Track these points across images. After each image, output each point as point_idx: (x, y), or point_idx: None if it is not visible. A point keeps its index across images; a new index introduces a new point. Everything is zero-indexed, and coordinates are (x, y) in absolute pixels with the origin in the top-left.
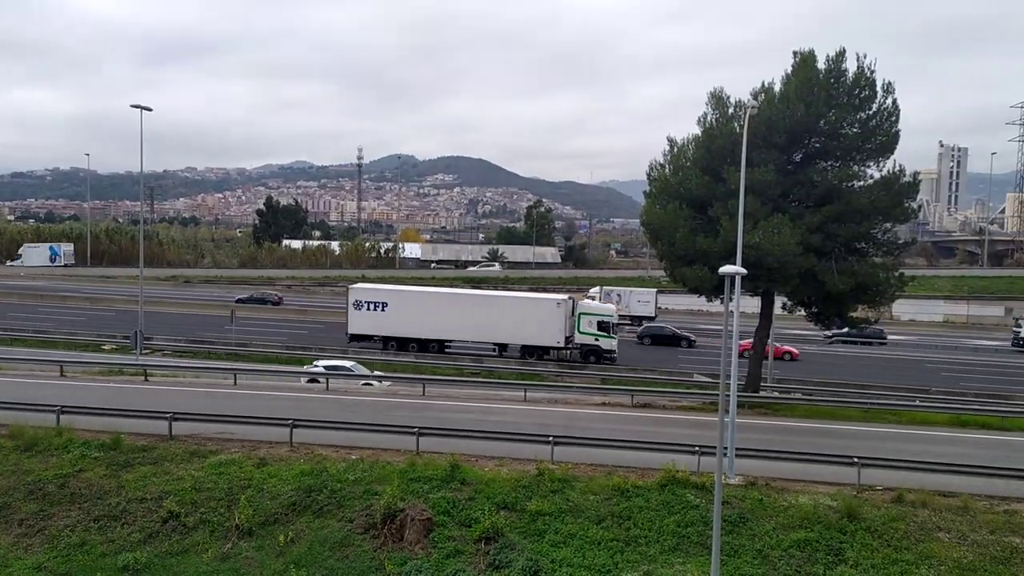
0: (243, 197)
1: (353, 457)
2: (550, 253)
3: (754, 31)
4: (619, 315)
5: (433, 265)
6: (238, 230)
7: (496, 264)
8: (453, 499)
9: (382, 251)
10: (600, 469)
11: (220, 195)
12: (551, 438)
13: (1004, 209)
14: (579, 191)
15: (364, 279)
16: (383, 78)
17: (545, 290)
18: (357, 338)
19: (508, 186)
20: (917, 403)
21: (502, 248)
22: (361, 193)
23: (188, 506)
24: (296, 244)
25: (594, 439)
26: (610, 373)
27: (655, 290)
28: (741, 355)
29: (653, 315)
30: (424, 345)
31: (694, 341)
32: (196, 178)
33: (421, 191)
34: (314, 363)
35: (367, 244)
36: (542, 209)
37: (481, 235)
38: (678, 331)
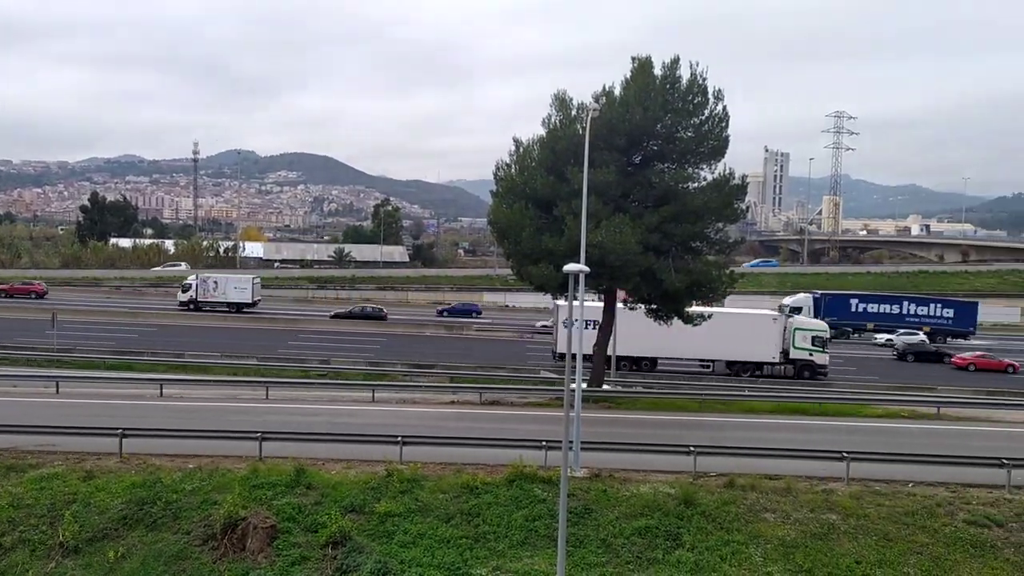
0: (65, 193)
1: (190, 466)
2: (398, 252)
3: (600, 35)
4: (214, 300)
5: (277, 265)
6: (60, 228)
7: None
8: (299, 504)
9: (221, 250)
10: (450, 467)
11: (39, 190)
12: (400, 438)
13: (821, 211)
14: (427, 190)
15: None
16: (225, 71)
17: (393, 289)
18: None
19: (355, 184)
20: (746, 393)
21: (349, 247)
22: (198, 189)
23: (5, 524)
24: (125, 243)
25: (443, 438)
26: (459, 371)
27: (252, 277)
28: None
29: (251, 301)
30: (637, 362)
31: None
32: (11, 172)
33: (263, 188)
34: None
35: (204, 243)
36: (390, 208)
37: (326, 235)
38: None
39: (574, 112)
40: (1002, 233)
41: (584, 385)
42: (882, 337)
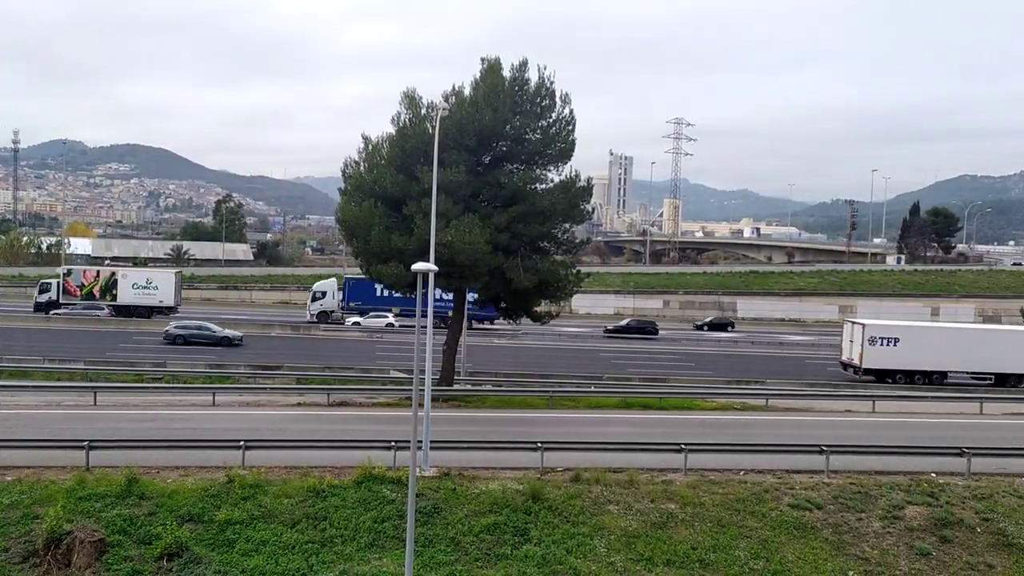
0: None
1: (8, 479)
2: (241, 250)
3: (452, 34)
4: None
5: (107, 263)
6: None
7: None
8: (130, 516)
9: (44, 246)
10: (295, 471)
11: None
12: (242, 443)
13: (662, 213)
14: (273, 187)
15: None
16: (48, 56)
17: (236, 288)
18: (871, 372)
19: (194, 179)
20: (592, 389)
21: (188, 244)
22: (18, 181)
23: None
24: None
25: (289, 441)
26: (306, 372)
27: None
28: None
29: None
30: (928, 377)
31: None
32: None
33: (92, 181)
34: None
35: (25, 239)
36: (232, 204)
37: (162, 232)
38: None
39: (424, 111)
40: (823, 236)
41: (434, 384)
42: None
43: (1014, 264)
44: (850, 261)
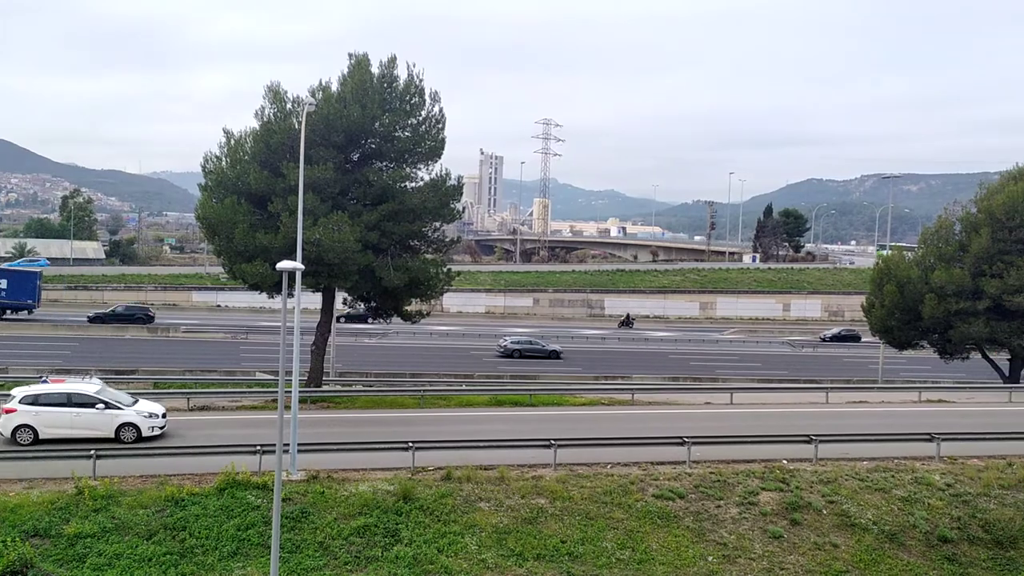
0: None
1: None
2: (92, 248)
3: (319, 28)
4: None
5: None
6: None
7: None
8: None
9: None
10: (152, 480)
11: None
12: (93, 452)
13: (532, 212)
14: (127, 182)
15: None
16: None
17: (86, 288)
18: None
19: (39, 172)
20: (463, 387)
21: (32, 242)
22: None
23: None
24: None
25: (144, 448)
26: (164, 376)
27: None
28: None
29: None
30: None
31: None
32: None
33: None
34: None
35: None
36: (81, 199)
37: (3, 229)
38: None
39: (289, 106)
40: (685, 236)
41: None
42: None
43: (844, 256)
44: (710, 260)
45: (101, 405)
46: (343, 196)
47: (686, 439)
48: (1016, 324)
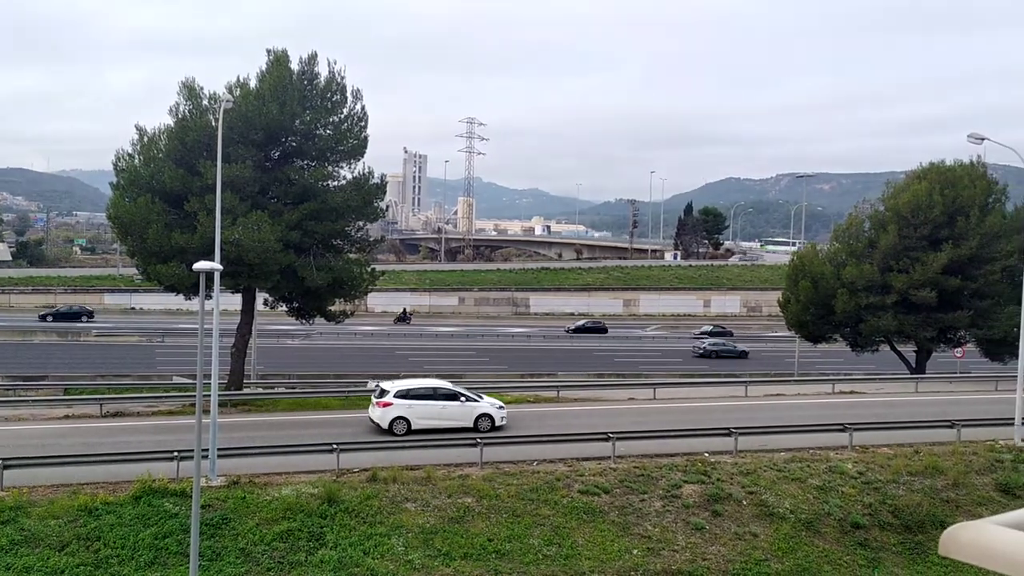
0: None
1: None
2: None
3: (235, 23)
4: None
5: None
6: None
7: None
8: None
9: None
10: (63, 489)
11: None
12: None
13: (457, 211)
14: (34, 180)
15: None
16: None
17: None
18: None
19: None
20: None
21: None
22: None
23: None
24: None
25: (55, 457)
26: (75, 381)
27: None
28: None
29: None
30: None
31: None
32: None
33: None
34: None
35: None
36: None
37: None
38: None
39: (206, 102)
40: (608, 234)
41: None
42: None
43: (765, 254)
44: (633, 257)
45: (463, 398)
46: (263, 195)
47: (611, 435)
48: (921, 317)
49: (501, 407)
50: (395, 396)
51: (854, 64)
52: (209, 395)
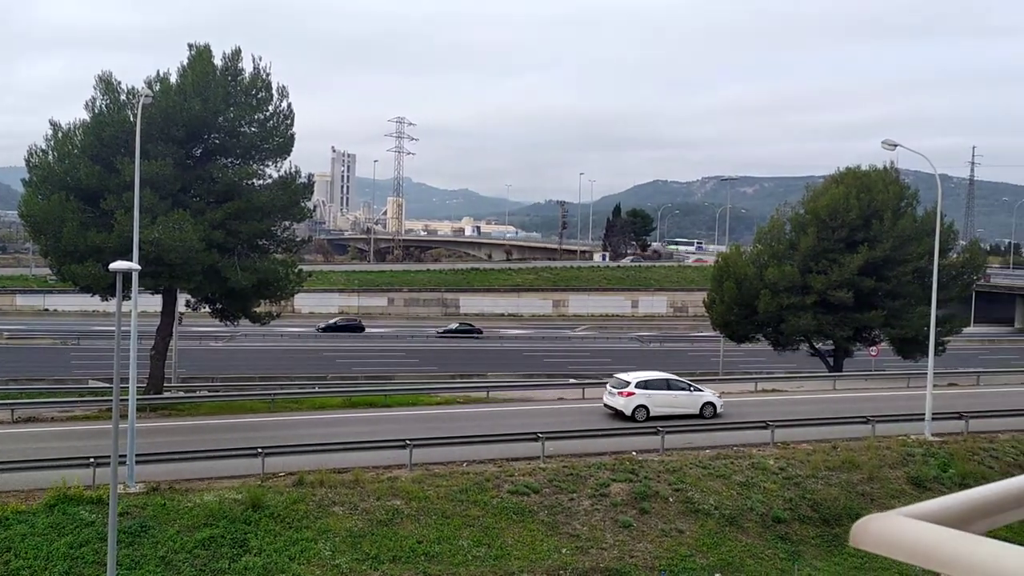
0: None
1: None
2: None
3: (160, 18)
4: None
5: None
6: None
7: None
8: None
9: None
10: None
11: None
12: None
13: (386, 211)
14: None
15: None
16: None
17: None
18: None
19: None
20: (316, 390)
21: None
22: None
23: None
24: None
25: None
26: None
27: None
28: None
29: None
30: None
31: None
32: None
33: None
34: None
35: None
36: None
37: None
38: None
39: (124, 97)
40: (538, 235)
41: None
42: None
43: (692, 255)
44: (562, 258)
45: (691, 388)
46: (184, 193)
47: (540, 435)
48: (839, 317)
49: (720, 396)
50: (636, 386)
51: (778, 71)
52: (127, 399)
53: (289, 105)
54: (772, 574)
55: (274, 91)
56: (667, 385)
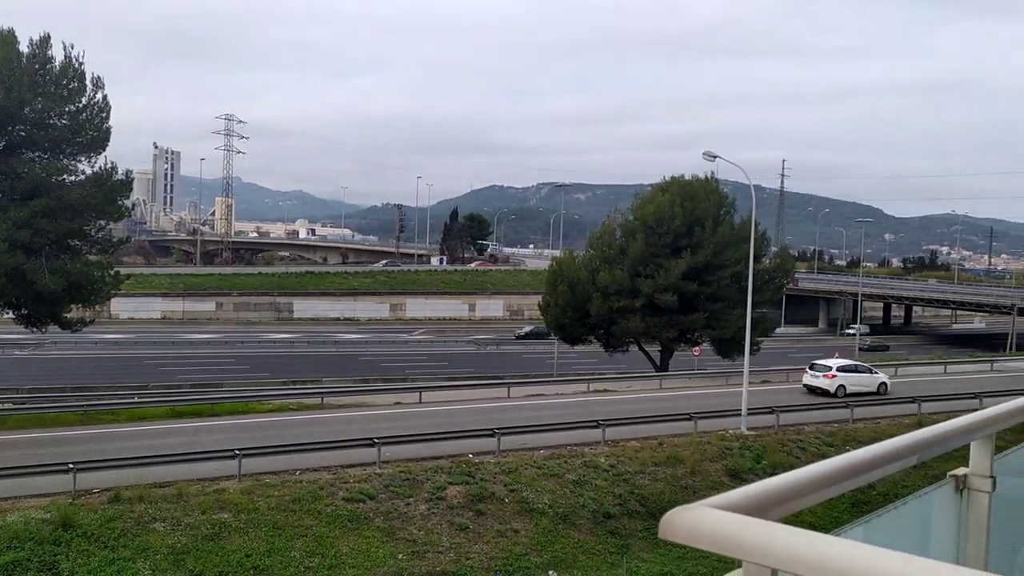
0: None
1: None
2: None
3: None
4: None
5: None
6: None
7: None
8: None
9: None
10: None
11: None
12: None
13: (214, 212)
14: None
15: None
16: None
17: None
18: None
19: None
20: (136, 400)
21: None
22: None
23: None
24: None
25: None
26: None
27: None
28: None
29: None
30: None
31: None
32: None
33: None
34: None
35: None
36: None
37: None
38: None
39: None
40: (375, 238)
41: None
42: None
43: (529, 260)
44: (400, 262)
45: (871, 371)
46: None
47: (376, 440)
48: (665, 319)
49: (889, 377)
50: (837, 370)
51: (608, 83)
52: None
53: (105, 97)
54: (603, 568)
55: (88, 82)
56: (855, 369)
